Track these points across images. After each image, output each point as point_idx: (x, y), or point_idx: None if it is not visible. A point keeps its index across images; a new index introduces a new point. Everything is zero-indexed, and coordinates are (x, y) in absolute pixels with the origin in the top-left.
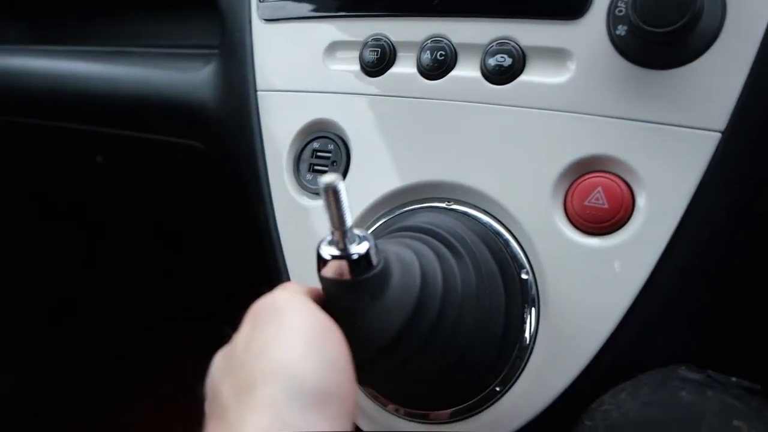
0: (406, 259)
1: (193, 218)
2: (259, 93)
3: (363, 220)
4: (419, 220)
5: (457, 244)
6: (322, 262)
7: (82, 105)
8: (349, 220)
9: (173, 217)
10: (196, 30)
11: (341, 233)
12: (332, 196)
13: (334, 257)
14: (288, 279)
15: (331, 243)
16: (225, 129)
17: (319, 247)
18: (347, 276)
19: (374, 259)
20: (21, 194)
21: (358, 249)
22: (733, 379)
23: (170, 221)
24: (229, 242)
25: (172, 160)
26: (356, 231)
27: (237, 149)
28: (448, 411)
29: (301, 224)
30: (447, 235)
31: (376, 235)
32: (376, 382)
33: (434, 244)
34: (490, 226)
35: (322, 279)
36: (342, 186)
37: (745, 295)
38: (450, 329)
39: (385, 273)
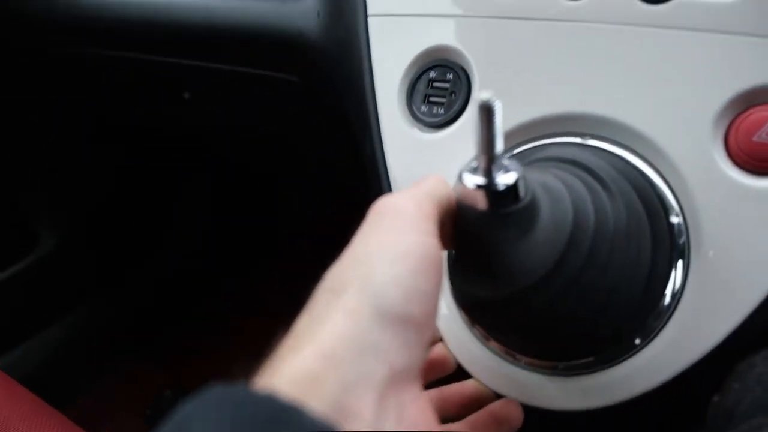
0: (555, 190)
1: (288, 159)
2: (369, 18)
3: None
4: (561, 154)
5: (607, 179)
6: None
7: (178, 36)
8: (501, 146)
9: (267, 158)
10: None
11: (489, 159)
12: (486, 115)
13: (479, 186)
14: None
15: (475, 171)
16: (329, 60)
17: (461, 174)
18: (491, 208)
19: (522, 191)
20: (107, 130)
21: (505, 179)
22: None
23: (264, 162)
24: (329, 185)
25: (266, 96)
26: (504, 160)
27: (341, 81)
28: (581, 362)
29: (415, 159)
30: (596, 169)
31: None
32: (511, 326)
33: (584, 176)
34: (635, 164)
35: (463, 209)
36: (499, 105)
37: None
38: (599, 271)
39: (533, 206)
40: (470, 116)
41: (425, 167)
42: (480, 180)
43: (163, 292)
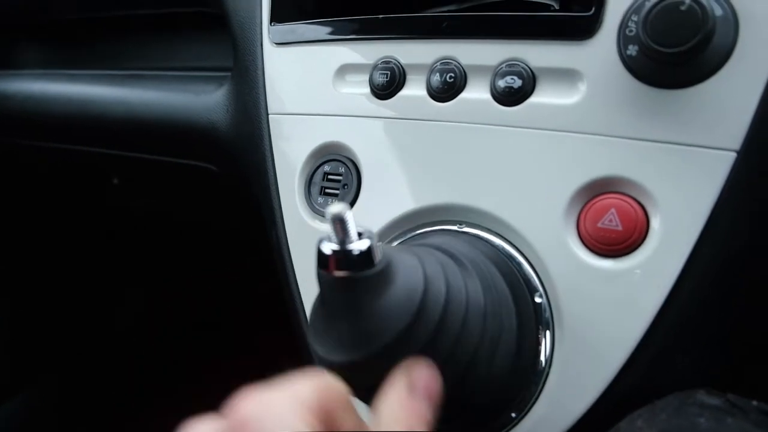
0: (408, 262)
1: (211, 239)
2: (270, 116)
3: None
4: (429, 241)
5: (464, 260)
6: (321, 257)
7: (100, 129)
8: (355, 235)
9: (192, 238)
10: (210, 51)
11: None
12: (338, 225)
13: (334, 252)
14: (300, 300)
15: (331, 240)
16: (238, 151)
17: (319, 243)
18: (346, 272)
19: (376, 257)
20: (45, 214)
21: (359, 245)
22: (754, 402)
23: (190, 243)
24: (246, 261)
25: (188, 183)
26: (358, 229)
27: (250, 172)
28: None
29: (312, 246)
30: (454, 251)
31: None
32: (366, 392)
33: (439, 255)
34: (503, 248)
35: (321, 276)
36: (350, 215)
37: (762, 318)
38: (452, 338)
39: (387, 272)
40: (362, 207)
41: None
42: (335, 246)
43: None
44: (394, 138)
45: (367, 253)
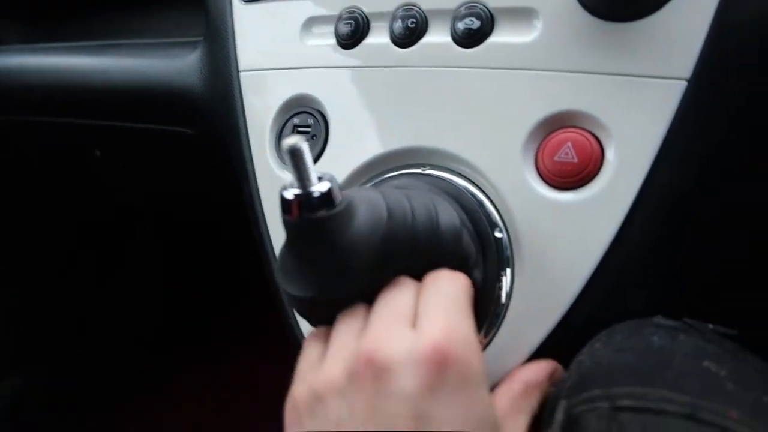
0: (371, 197)
1: (198, 207)
2: (241, 73)
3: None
4: (393, 183)
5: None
6: (285, 203)
7: (79, 99)
8: (314, 177)
9: (179, 207)
10: (186, 20)
11: (304, 187)
12: (294, 158)
13: (296, 196)
14: (273, 252)
15: (293, 186)
16: (212, 112)
17: (282, 189)
18: (309, 213)
19: (337, 197)
20: (27, 193)
21: (319, 187)
22: (710, 325)
23: (176, 212)
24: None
25: (168, 150)
26: (318, 173)
27: (224, 131)
28: None
29: None
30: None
31: None
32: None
33: (404, 190)
34: (465, 188)
35: (286, 220)
36: (306, 147)
37: (717, 244)
38: (425, 262)
39: (348, 211)
40: (330, 156)
41: None
42: (297, 191)
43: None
44: (359, 86)
45: (328, 194)
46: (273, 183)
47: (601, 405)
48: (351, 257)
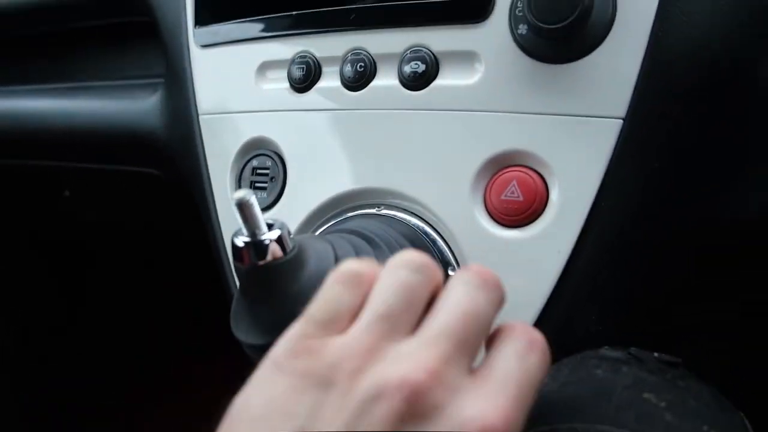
0: (320, 248)
1: (165, 245)
2: (201, 117)
3: (303, 231)
4: (347, 226)
5: (378, 240)
6: (236, 250)
7: (43, 142)
8: (264, 226)
9: (147, 245)
10: (147, 60)
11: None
12: (242, 210)
13: (246, 243)
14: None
15: (244, 233)
16: (175, 154)
17: (233, 236)
18: (260, 261)
19: (287, 246)
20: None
21: (270, 235)
22: (655, 354)
23: (145, 250)
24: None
25: (138, 190)
26: (269, 221)
27: (187, 174)
28: None
29: None
30: (368, 233)
31: None
32: None
33: (353, 239)
34: (417, 227)
35: (237, 268)
36: (253, 199)
37: (660, 266)
38: None
39: (298, 259)
40: (288, 197)
41: None
42: (247, 238)
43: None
44: (314, 129)
45: (278, 242)
46: (235, 226)
47: None
48: (300, 305)
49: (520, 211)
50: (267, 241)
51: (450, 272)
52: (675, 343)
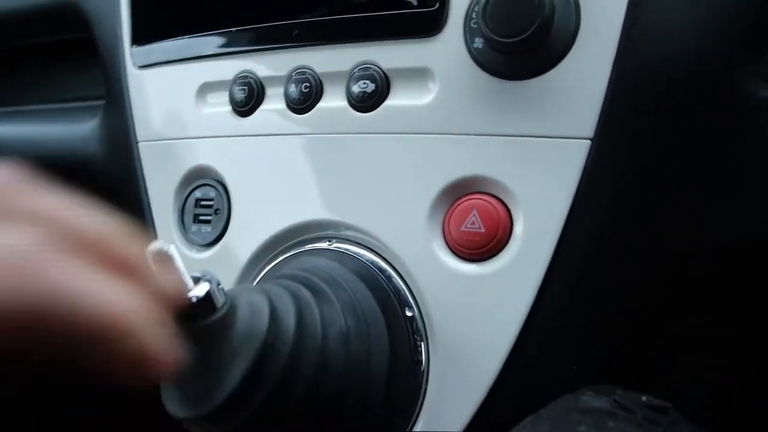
0: (255, 302)
1: None
2: (140, 144)
3: (250, 269)
4: (294, 266)
5: (324, 286)
6: None
7: None
8: (189, 281)
9: None
10: (91, 80)
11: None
12: (166, 264)
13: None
14: None
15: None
16: (114, 183)
17: None
18: (188, 322)
19: (218, 302)
20: None
21: (196, 292)
22: (644, 398)
23: None
24: None
25: None
26: (196, 273)
27: (127, 205)
28: None
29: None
30: (313, 278)
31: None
32: None
33: (293, 286)
34: (372, 262)
35: None
36: (173, 250)
37: (634, 306)
38: (310, 373)
39: (227, 317)
40: (234, 231)
41: None
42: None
43: None
44: (258, 156)
45: (207, 299)
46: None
47: None
48: (229, 370)
49: (483, 243)
50: (194, 299)
51: (408, 313)
52: (658, 375)
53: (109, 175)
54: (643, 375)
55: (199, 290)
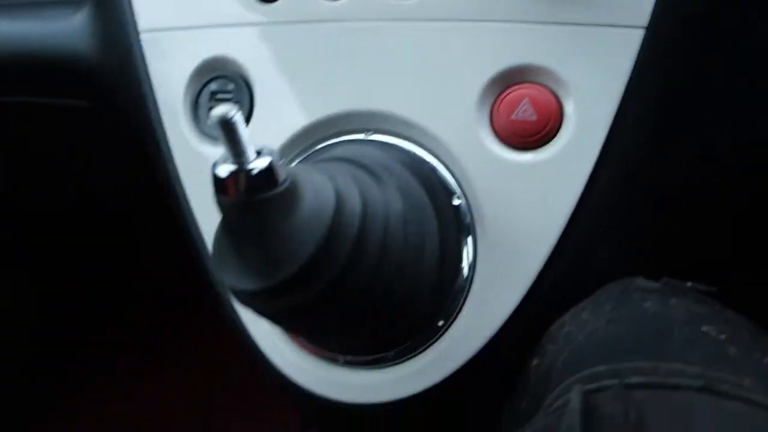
0: (317, 178)
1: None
2: (142, 35)
3: None
4: (336, 152)
5: (378, 169)
6: (218, 182)
7: None
8: (251, 152)
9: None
10: None
11: (240, 162)
12: (226, 130)
13: (232, 173)
14: (201, 237)
15: (227, 161)
16: (110, 80)
17: (214, 166)
18: (249, 193)
19: (280, 175)
20: None
21: (259, 164)
22: (689, 284)
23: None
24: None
25: (64, 127)
26: (257, 147)
27: (126, 102)
28: (391, 353)
29: (206, 175)
30: (366, 161)
31: None
32: (308, 323)
33: (350, 168)
34: (414, 153)
35: (221, 201)
36: (239, 117)
37: (682, 197)
38: (375, 253)
39: (292, 191)
40: (257, 125)
41: None
42: (232, 167)
43: None
44: (284, 45)
45: (269, 171)
46: (193, 158)
47: (609, 383)
48: (296, 246)
49: (534, 131)
50: (256, 171)
51: (456, 201)
52: (702, 270)
53: (103, 71)
54: (687, 268)
55: (261, 162)
